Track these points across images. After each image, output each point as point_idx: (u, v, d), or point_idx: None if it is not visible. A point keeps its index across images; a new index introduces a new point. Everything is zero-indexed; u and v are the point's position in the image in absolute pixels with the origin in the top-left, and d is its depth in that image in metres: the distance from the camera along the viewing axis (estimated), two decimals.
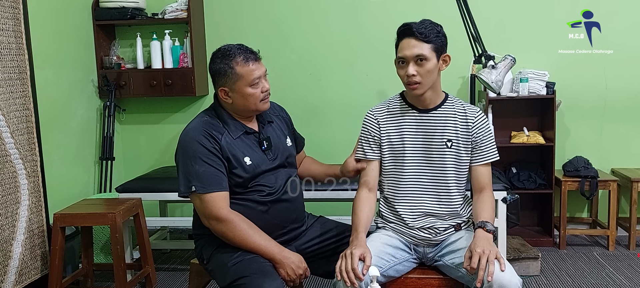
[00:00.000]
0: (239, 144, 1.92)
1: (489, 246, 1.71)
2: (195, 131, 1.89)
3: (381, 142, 1.96)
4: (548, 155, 3.51)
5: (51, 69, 3.17)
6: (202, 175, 1.83)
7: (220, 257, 1.89)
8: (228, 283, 1.83)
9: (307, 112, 3.70)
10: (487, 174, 1.95)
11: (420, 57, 1.81)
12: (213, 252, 1.93)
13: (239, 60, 1.87)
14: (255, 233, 1.86)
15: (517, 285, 1.67)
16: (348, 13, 3.68)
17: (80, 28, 3.51)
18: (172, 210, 3.89)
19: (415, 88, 1.85)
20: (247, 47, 1.93)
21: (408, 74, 1.83)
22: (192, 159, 1.85)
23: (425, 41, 1.81)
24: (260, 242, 1.86)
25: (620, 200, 3.60)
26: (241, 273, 1.80)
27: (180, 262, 3.48)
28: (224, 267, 1.86)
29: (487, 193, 1.93)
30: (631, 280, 2.97)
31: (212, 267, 1.93)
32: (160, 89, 3.60)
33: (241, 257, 1.85)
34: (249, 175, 1.90)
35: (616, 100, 3.59)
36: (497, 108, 3.52)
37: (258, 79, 1.89)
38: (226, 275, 1.84)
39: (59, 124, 3.26)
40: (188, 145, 1.87)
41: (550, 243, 3.53)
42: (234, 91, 1.90)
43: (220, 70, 1.90)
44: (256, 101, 1.91)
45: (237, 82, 1.88)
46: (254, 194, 1.92)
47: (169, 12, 3.60)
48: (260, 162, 1.93)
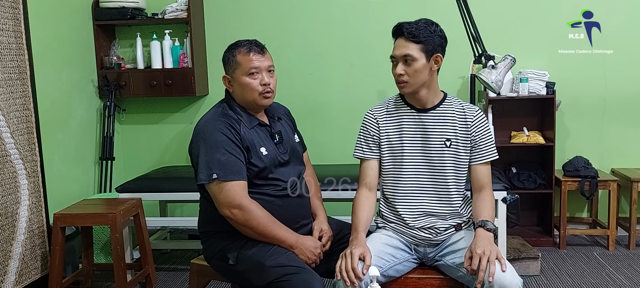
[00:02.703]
0: (255, 135, 1.94)
1: (489, 246, 1.72)
2: (215, 121, 1.91)
3: (380, 142, 1.97)
4: (548, 155, 3.51)
5: (51, 69, 3.17)
6: (224, 163, 1.84)
7: (252, 257, 1.88)
8: (268, 282, 1.82)
9: (307, 111, 3.70)
10: (487, 173, 1.95)
11: (407, 57, 1.83)
12: (239, 251, 1.91)
13: (242, 49, 1.94)
14: (275, 222, 1.89)
15: (517, 285, 1.67)
16: (348, 13, 3.68)
17: (80, 28, 3.51)
18: (172, 210, 3.89)
19: (402, 86, 1.88)
20: (257, 41, 1.98)
21: (396, 72, 1.86)
22: (213, 148, 1.86)
23: (414, 41, 1.83)
24: (279, 231, 1.89)
25: (620, 200, 3.60)
26: (284, 272, 1.80)
27: (180, 261, 3.48)
28: (260, 266, 1.84)
29: (487, 192, 1.94)
30: (631, 280, 2.97)
31: (244, 268, 1.90)
32: (160, 89, 3.60)
33: (275, 254, 1.86)
34: (265, 166, 1.92)
35: (616, 100, 3.59)
36: (497, 108, 3.52)
37: (255, 69, 1.92)
38: (265, 275, 1.83)
39: (59, 124, 3.26)
40: (209, 134, 1.89)
41: (550, 243, 3.53)
42: (234, 79, 1.95)
43: (225, 58, 1.99)
44: (254, 93, 1.92)
45: (236, 69, 1.93)
46: (269, 188, 1.94)
47: (169, 12, 3.60)
48: (275, 154, 1.96)
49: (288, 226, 1.93)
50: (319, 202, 2.14)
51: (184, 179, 3.14)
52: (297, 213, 2.00)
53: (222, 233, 1.96)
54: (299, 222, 2.00)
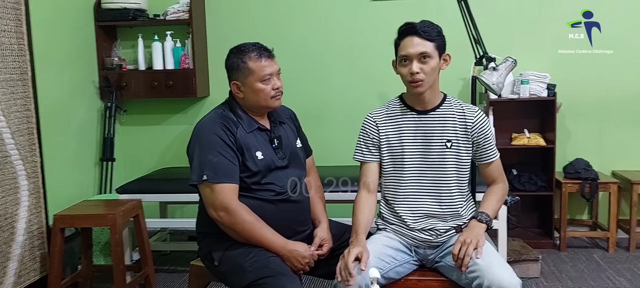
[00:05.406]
0: (252, 139, 1.94)
1: (471, 235, 1.78)
2: (212, 123, 1.92)
3: (380, 145, 1.97)
4: (549, 157, 3.51)
5: (52, 69, 3.17)
6: (215, 165, 1.85)
7: (234, 258, 1.88)
8: (246, 284, 1.82)
9: (308, 113, 3.68)
10: (496, 168, 1.99)
11: (424, 55, 1.83)
12: (224, 252, 1.92)
13: (252, 55, 1.93)
14: (262, 227, 1.88)
15: (516, 287, 1.67)
16: (349, 14, 3.68)
17: (81, 29, 3.51)
18: (173, 212, 3.89)
19: (418, 85, 1.85)
20: (262, 44, 1.97)
21: (412, 71, 1.83)
22: (207, 149, 1.87)
23: (429, 39, 1.83)
24: (266, 235, 1.88)
25: (621, 202, 3.59)
26: (260, 275, 1.80)
27: (180, 263, 3.48)
28: (239, 268, 1.85)
29: (497, 185, 1.99)
30: (631, 282, 2.96)
31: (225, 269, 1.92)
32: (162, 90, 3.61)
33: (256, 256, 1.85)
34: (259, 170, 1.91)
35: (616, 102, 3.59)
36: (498, 110, 3.52)
37: (269, 76, 1.93)
38: (243, 277, 1.83)
39: (60, 125, 3.26)
40: (204, 136, 1.90)
41: (551, 245, 3.53)
42: (246, 86, 1.94)
43: (233, 64, 1.95)
44: (267, 97, 1.94)
45: (249, 76, 1.92)
46: (264, 193, 1.93)
47: (171, 13, 3.60)
48: (271, 159, 1.95)
49: (283, 232, 1.92)
50: (322, 208, 2.12)
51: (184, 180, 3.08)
52: (294, 219, 1.99)
53: (214, 234, 1.96)
54: (295, 229, 1.98)
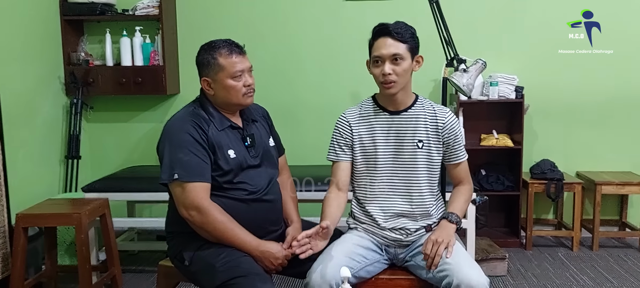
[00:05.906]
0: (224, 137, 1.91)
1: (442, 235, 1.81)
2: (182, 121, 1.89)
3: (353, 145, 1.97)
4: (516, 158, 3.58)
5: (16, 63, 3.08)
6: (186, 164, 1.82)
7: (205, 258, 1.85)
8: (217, 285, 1.79)
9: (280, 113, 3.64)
10: (464, 169, 2.02)
11: (396, 56, 1.84)
12: (195, 252, 1.89)
13: (222, 51, 1.90)
14: (235, 227, 1.86)
15: (484, 285, 1.70)
16: (322, 14, 3.68)
17: (47, 22, 3.41)
18: (140, 211, 3.82)
19: (390, 87, 1.87)
20: (233, 41, 1.95)
21: (384, 72, 1.85)
22: (177, 148, 1.84)
23: (402, 41, 1.84)
24: (239, 235, 1.85)
25: (585, 202, 3.71)
26: (232, 275, 1.77)
27: (147, 263, 3.42)
28: (211, 268, 1.82)
29: (464, 186, 2.02)
30: (594, 280, 3.06)
31: (195, 269, 1.88)
32: (130, 87, 3.53)
33: (228, 256, 1.82)
34: (232, 169, 1.89)
35: (582, 104, 3.69)
36: (468, 111, 3.57)
37: (240, 72, 1.91)
38: (214, 277, 1.80)
39: (24, 120, 3.16)
40: (175, 134, 1.87)
41: (517, 244, 3.61)
42: (216, 82, 1.91)
43: (204, 60, 1.92)
44: (238, 94, 1.92)
45: (219, 73, 1.90)
46: (236, 192, 1.91)
47: (140, 9, 3.53)
48: (244, 157, 1.93)
49: (255, 232, 1.90)
50: (294, 207, 2.11)
51: (152, 179, 3.06)
52: (265, 218, 1.97)
53: (184, 234, 1.93)
54: (266, 228, 1.97)
